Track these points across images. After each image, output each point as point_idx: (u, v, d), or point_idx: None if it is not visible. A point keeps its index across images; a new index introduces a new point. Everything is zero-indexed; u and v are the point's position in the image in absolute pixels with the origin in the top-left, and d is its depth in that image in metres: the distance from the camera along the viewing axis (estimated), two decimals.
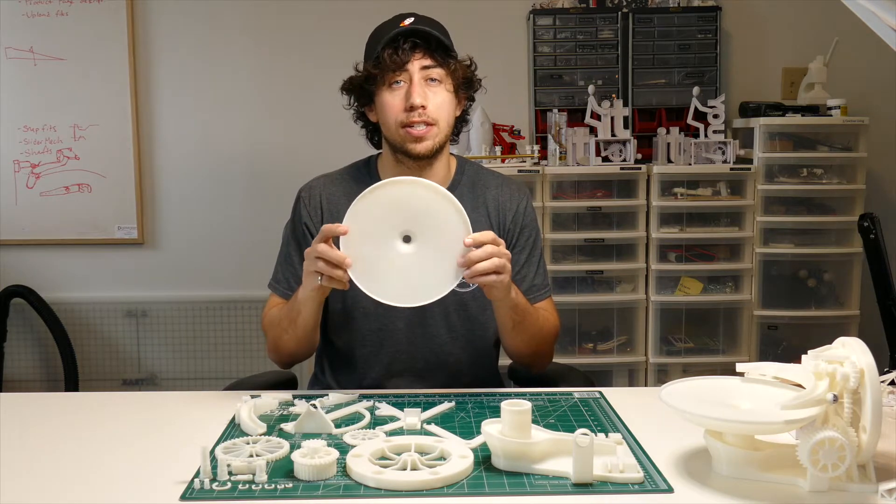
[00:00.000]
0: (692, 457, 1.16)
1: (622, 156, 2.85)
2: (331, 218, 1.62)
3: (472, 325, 1.63)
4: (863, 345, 1.04)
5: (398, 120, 1.54)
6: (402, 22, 1.55)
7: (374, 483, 1.05)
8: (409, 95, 1.52)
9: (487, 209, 1.65)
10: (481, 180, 1.68)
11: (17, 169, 3.17)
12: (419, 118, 1.52)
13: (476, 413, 1.36)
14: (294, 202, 1.69)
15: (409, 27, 1.54)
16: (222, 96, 3.18)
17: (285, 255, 1.67)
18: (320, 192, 1.66)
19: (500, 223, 1.65)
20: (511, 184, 1.70)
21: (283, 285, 1.65)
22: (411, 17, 1.57)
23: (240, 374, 1.84)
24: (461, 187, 1.65)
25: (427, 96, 1.53)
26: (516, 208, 1.67)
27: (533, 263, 1.67)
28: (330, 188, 1.66)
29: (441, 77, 1.55)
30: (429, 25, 1.56)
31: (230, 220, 3.23)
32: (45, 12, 3.11)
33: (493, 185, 1.68)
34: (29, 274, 3.20)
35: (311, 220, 1.63)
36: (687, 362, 2.87)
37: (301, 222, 1.64)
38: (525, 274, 1.65)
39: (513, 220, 1.66)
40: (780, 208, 2.84)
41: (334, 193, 1.65)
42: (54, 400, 1.61)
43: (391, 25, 1.57)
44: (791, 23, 3.15)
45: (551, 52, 3.07)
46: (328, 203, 1.64)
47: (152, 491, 1.06)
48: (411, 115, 1.52)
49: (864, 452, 1.02)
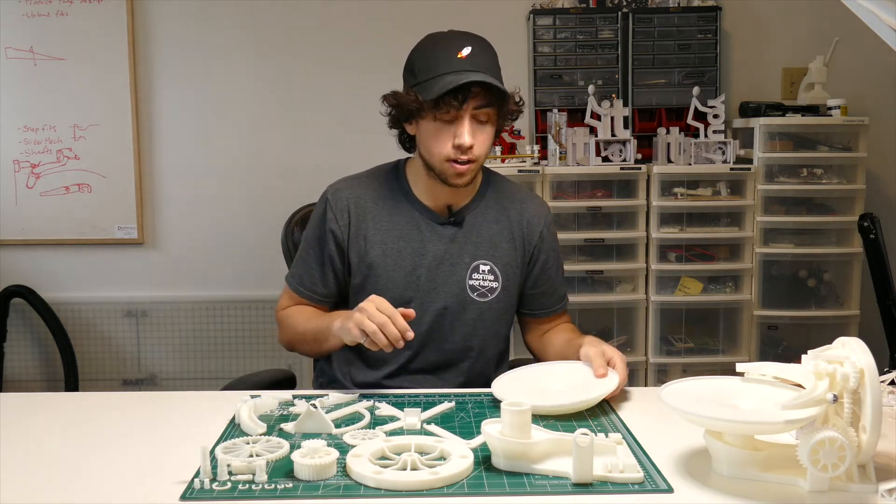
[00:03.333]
0: (692, 457, 1.16)
1: (622, 156, 2.85)
2: (358, 222, 1.62)
3: (486, 331, 1.66)
4: (863, 345, 1.04)
5: (443, 154, 1.52)
6: (460, 52, 1.49)
7: (374, 483, 1.05)
8: (460, 135, 1.50)
9: (511, 223, 1.68)
10: (507, 193, 1.71)
11: (17, 169, 3.17)
12: (465, 157, 1.52)
13: (476, 413, 1.36)
14: (318, 203, 1.67)
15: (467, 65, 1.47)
16: (222, 96, 3.18)
17: (305, 254, 1.67)
18: (347, 196, 1.64)
19: (524, 238, 1.68)
20: (535, 200, 1.74)
21: (299, 283, 1.66)
22: (468, 45, 1.50)
23: (240, 375, 1.84)
24: (487, 199, 1.68)
25: (475, 135, 1.52)
26: (542, 226, 1.71)
27: (560, 277, 1.74)
28: (357, 191, 1.65)
29: (490, 116, 1.53)
30: (484, 61, 1.50)
31: (230, 220, 3.23)
32: (45, 12, 3.11)
33: (518, 200, 1.71)
34: (29, 274, 3.20)
35: (338, 225, 1.62)
36: (687, 362, 2.87)
37: (326, 227, 1.63)
38: (555, 287, 1.73)
39: (540, 238, 1.70)
40: (780, 208, 2.84)
41: (362, 197, 1.64)
42: (54, 400, 1.60)
43: (449, 56, 1.49)
44: (791, 23, 3.15)
45: (551, 52, 3.07)
46: (356, 207, 1.63)
47: (152, 491, 1.06)
48: (458, 153, 1.51)
49: (864, 452, 1.02)
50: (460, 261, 1.61)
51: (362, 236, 1.62)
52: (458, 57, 1.49)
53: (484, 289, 1.63)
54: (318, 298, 1.65)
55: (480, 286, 1.62)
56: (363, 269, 1.61)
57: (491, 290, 1.63)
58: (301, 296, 1.66)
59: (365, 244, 1.61)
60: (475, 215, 1.65)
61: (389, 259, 1.59)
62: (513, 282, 1.67)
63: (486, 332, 1.66)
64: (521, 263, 1.68)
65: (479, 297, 1.62)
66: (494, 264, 1.64)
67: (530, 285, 1.71)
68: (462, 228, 1.63)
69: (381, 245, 1.61)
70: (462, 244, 1.62)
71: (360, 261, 1.62)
